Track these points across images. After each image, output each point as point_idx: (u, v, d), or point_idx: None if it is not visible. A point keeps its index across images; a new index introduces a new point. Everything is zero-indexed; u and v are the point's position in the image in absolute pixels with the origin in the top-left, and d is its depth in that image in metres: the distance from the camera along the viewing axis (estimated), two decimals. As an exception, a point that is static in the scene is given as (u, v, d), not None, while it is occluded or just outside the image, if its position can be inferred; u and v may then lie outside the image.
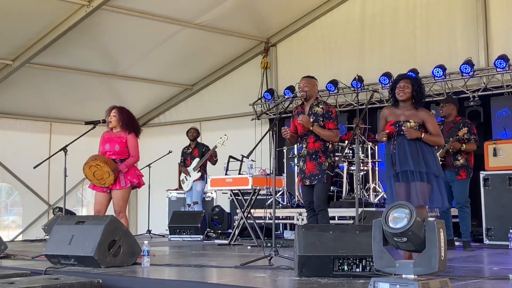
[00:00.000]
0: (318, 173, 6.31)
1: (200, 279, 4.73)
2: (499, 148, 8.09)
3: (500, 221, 7.88)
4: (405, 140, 5.32)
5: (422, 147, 5.30)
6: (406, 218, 3.48)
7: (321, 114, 6.38)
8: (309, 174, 6.37)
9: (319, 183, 6.30)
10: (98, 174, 6.59)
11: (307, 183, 6.39)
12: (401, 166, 5.29)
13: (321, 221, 6.28)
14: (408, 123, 5.32)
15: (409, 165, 5.25)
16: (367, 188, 9.55)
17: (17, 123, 12.86)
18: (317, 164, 6.33)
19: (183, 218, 10.01)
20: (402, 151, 5.31)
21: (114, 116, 6.87)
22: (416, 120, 5.33)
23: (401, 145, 5.33)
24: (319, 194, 6.32)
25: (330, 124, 6.37)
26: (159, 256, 6.63)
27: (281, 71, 12.75)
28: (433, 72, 10.00)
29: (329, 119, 6.38)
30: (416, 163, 5.24)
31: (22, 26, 10.22)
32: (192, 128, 10.97)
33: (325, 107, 6.43)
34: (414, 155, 5.26)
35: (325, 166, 6.31)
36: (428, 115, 5.41)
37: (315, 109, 6.42)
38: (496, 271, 5.25)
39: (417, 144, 5.30)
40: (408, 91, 5.34)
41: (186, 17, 11.24)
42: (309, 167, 6.37)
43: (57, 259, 5.61)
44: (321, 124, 6.36)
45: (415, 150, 5.28)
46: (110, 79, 12.72)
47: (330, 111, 6.41)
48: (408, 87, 5.35)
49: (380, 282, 3.46)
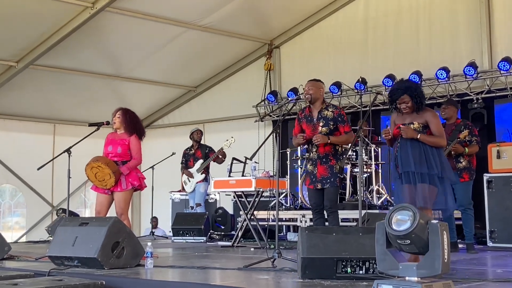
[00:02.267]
0: (330, 176, 6.32)
1: (203, 281, 4.73)
2: (502, 151, 8.08)
3: (504, 223, 7.87)
4: (408, 142, 5.33)
5: (426, 149, 5.30)
6: (410, 221, 3.47)
7: (331, 118, 6.40)
8: (320, 177, 6.37)
9: (332, 186, 6.32)
10: (100, 176, 6.59)
11: (318, 186, 6.39)
12: (403, 167, 5.31)
13: (331, 223, 6.31)
14: (412, 124, 5.34)
15: (410, 166, 5.26)
16: (370, 190, 9.54)
17: (21, 125, 12.90)
18: (328, 167, 6.34)
19: (186, 219, 10.00)
20: (404, 153, 5.33)
21: (118, 117, 6.88)
22: (420, 122, 5.35)
23: (404, 146, 5.35)
24: (331, 197, 6.34)
25: (346, 128, 6.44)
26: (162, 257, 6.63)
27: (285, 73, 12.76)
28: (436, 74, 9.99)
29: (343, 122, 6.43)
30: (418, 164, 5.24)
31: (26, 27, 10.25)
32: (198, 130, 10.90)
33: (335, 111, 6.45)
34: (416, 156, 5.26)
35: (336, 169, 6.33)
36: (432, 116, 5.41)
37: (325, 112, 6.43)
38: (499, 273, 5.24)
39: (420, 145, 5.30)
40: (410, 105, 5.38)
41: (189, 19, 11.26)
42: (320, 171, 6.37)
43: (61, 260, 5.62)
44: (331, 128, 6.37)
45: (418, 152, 5.29)
46: (114, 81, 12.75)
47: (342, 114, 6.45)
48: (408, 102, 5.37)
49: (383, 285, 3.46)
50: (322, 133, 6.39)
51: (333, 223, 6.27)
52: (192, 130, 10.88)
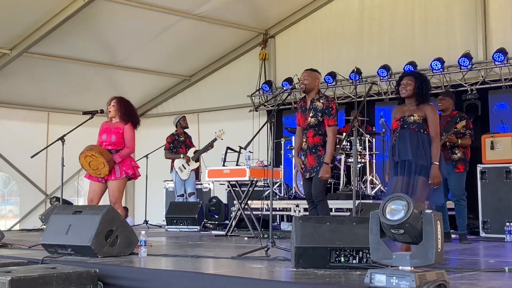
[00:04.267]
0: (317, 165, 6.29)
1: (196, 269, 4.73)
2: (496, 142, 8.10)
3: (497, 214, 7.90)
4: (407, 133, 5.32)
5: (424, 141, 5.29)
6: (404, 210, 3.48)
7: (320, 109, 6.34)
8: (309, 167, 6.36)
9: (317, 175, 6.29)
10: (94, 165, 6.57)
11: (307, 176, 6.39)
12: (400, 156, 5.31)
13: (321, 212, 6.27)
14: (412, 117, 5.33)
15: (408, 154, 5.26)
16: (364, 180, 9.56)
17: (15, 113, 12.84)
18: (316, 157, 6.32)
19: (180, 209, 10.01)
20: (402, 142, 5.33)
21: (113, 106, 6.86)
22: (420, 114, 5.33)
23: (402, 137, 5.34)
24: (316, 185, 6.30)
25: (330, 121, 6.30)
26: (156, 246, 6.63)
27: (280, 62, 12.74)
28: (431, 65, 9.98)
29: (329, 115, 6.31)
30: (415, 154, 5.24)
31: (20, 15, 10.18)
32: (184, 116, 10.86)
33: (325, 103, 6.36)
34: (414, 146, 5.26)
35: (323, 159, 6.30)
36: (431, 111, 5.36)
37: (316, 103, 6.39)
38: (492, 263, 5.28)
39: (419, 137, 5.30)
40: (410, 88, 5.35)
41: (184, 8, 11.20)
42: (310, 161, 6.36)
43: (54, 248, 5.62)
44: (319, 120, 6.33)
45: (416, 143, 5.28)
46: (108, 69, 12.70)
47: (330, 107, 6.34)
48: (410, 84, 5.35)
49: (376, 274, 3.46)
50: (310, 124, 6.35)
51: (322, 212, 6.25)
52: (178, 117, 10.78)
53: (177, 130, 10.68)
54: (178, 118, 10.78)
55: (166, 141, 10.60)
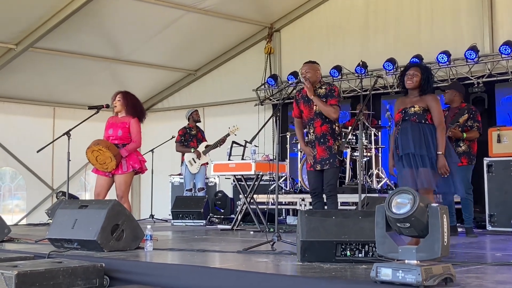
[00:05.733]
0: (329, 157, 6.25)
1: (202, 263, 4.73)
2: (503, 135, 8.06)
3: (503, 207, 7.87)
4: (409, 125, 5.33)
5: (426, 132, 5.29)
6: (409, 204, 3.47)
7: (323, 95, 6.34)
8: (320, 159, 6.30)
9: (332, 168, 6.25)
10: (101, 159, 6.58)
11: (318, 168, 6.32)
12: (403, 149, 5.31)
13: (330, 206, 6.25)
14: (413, 108, 5.33)
15: (410, 147, 5.26)
16: (370, 174, 9.55)
17: (21, 108, 12.88)
18: (327, 148, 6.28)
19: (186, 203, 10.02)
20: (404, 135, 5.33)
21: (119, 100, 6.85)
22: (422, 105, 5.33)
23: (404, 129, 5.35)
24: (330, 179, 6.27)
25: (332, 100, 6.31)
26: (162, 240, 6.64)
27: (285, 56, 12.71)
28: (437, 58, 9.94)
29: (331, 96, 6.32)
30: (417, 146, 5.24)
31: (25, 10, 10.19)
32: (196, 110, 10.85)
33: (328, 87, 6.40)
34: (416, 139, 5.27)
35: (335, 150, 6.27)
36: (433, 100, 5.36)
37: (319, 91, 6.37)
38: (498, 257, 5.26)
39: (420, 128, 5.29)
40: (416, 79, 5.34)
41: (189, 2, 11.19)
42: (319, 152, 6.30)
43: (60, 243, 5.63)
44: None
45: (418, 134, 5.28)
46: (113, 64, 12.71)
47: (332, 89, 6.37)
48: (417, 75, 5.34)
49: (382, 268, 3.46)
50: (316, 112, 6.34)
51: (331, 207, 6.23)
52: (190, 111, 10.76)
53: (189, 123, 10.67)
54: (190, 111, 10.77)
55: (177, 134, 10.59)
